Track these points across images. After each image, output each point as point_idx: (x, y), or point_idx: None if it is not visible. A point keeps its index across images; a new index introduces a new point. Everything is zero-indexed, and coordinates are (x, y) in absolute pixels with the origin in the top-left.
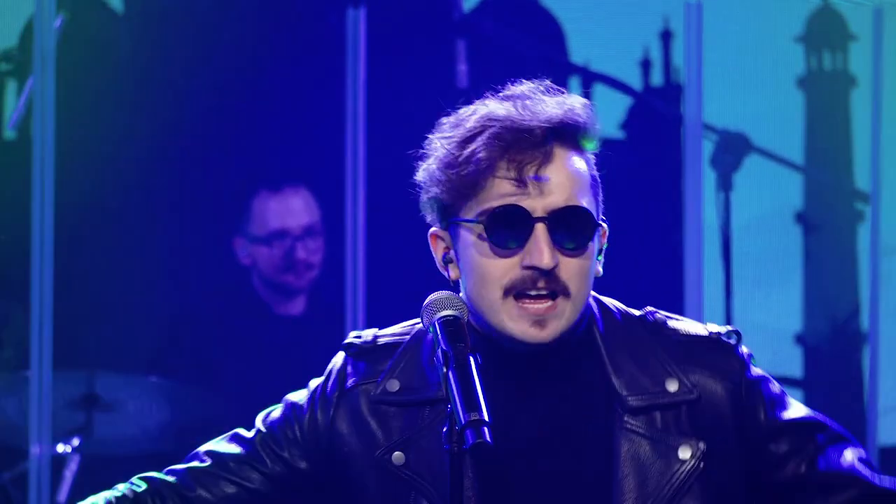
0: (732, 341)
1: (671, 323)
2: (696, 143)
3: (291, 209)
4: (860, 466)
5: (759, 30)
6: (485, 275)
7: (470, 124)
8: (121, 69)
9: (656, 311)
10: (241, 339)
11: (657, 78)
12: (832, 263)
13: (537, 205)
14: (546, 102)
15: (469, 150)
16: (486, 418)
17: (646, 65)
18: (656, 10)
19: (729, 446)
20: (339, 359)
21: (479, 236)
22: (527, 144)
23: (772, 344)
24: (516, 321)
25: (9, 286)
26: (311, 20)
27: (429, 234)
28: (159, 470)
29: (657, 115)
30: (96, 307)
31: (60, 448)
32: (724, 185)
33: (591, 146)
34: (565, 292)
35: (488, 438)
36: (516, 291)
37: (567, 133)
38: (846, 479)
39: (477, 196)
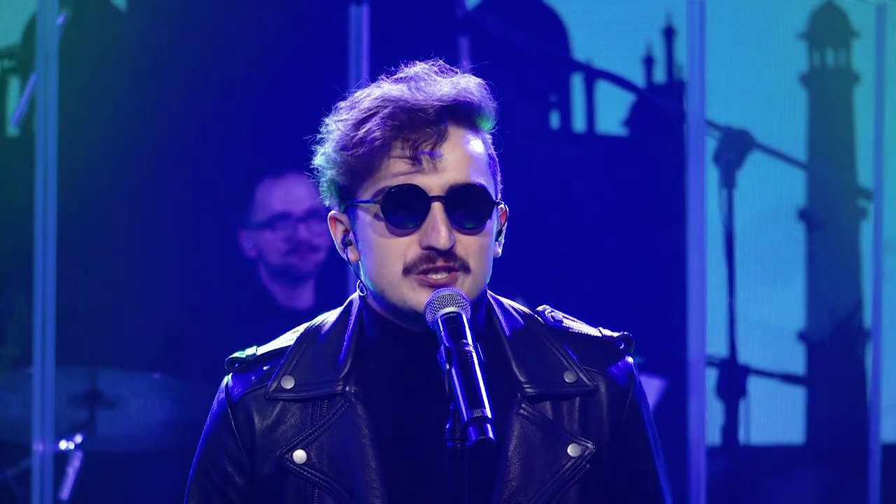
0: (622, 348)
1: (566, 322)
2: (699, 140)
3: (294, 194)
4: None
5: (762, 27)
6: (384, 253)
7: (364, 105)
8: (124, 66)
9: (553, 310)
10: (246, 335)
11: (660, 75)
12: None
13: (433, 183)
14: (439, 82)
15: (363, 130)
16: (490, 415)
17: (648, 62)
18: (659, 7)
19: (608, 449)
20: (224, 381)
21: (376, 216)
22: (421, 123)
23: (774, 341)
24: (417, 292)
25: (12, 282)
26: (315, 15)
27: (328, 217)
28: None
29: (660, 111)
30: (99, 303)
31: (63, 445)
32: (727, 182)
33: (486, 125)
34: (465, 268)
35: (491, 435)
36: (416, 270)
37: (461, 112)
38: None
39: (373, 176)
